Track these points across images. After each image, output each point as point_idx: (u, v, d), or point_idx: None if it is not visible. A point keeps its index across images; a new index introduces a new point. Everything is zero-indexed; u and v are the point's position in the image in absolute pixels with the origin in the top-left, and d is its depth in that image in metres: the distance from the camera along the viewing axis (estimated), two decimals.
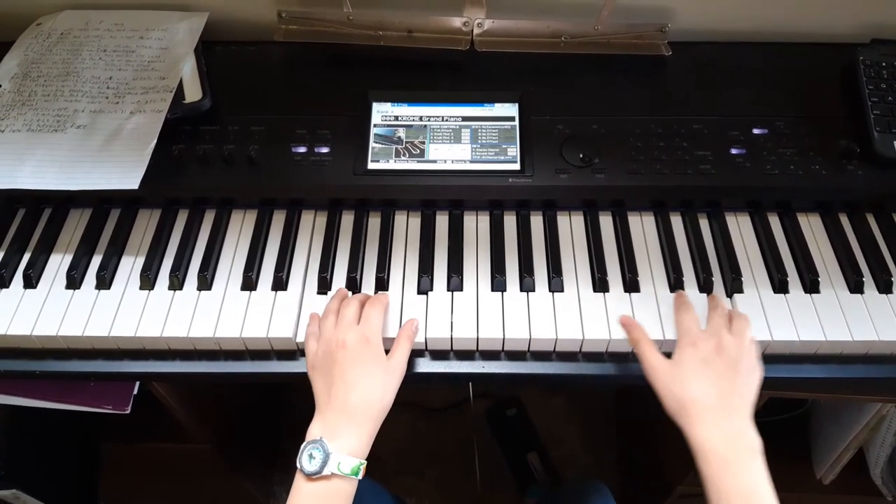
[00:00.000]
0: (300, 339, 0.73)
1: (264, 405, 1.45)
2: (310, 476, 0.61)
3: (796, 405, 1.13)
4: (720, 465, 0.58)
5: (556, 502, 1.00)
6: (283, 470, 1.46)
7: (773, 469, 1.16)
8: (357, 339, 0.67)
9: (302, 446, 0.62)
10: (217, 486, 1.32)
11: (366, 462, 0.63)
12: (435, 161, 0.81)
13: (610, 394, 1.59)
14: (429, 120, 0.84)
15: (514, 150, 0.82)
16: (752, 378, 0.64)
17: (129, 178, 0.75)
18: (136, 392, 0.89)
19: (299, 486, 0.62)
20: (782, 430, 1.08)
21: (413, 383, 0.72)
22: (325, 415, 0.64)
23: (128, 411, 0.89)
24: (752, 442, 0.60)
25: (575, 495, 0.92)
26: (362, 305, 0.71)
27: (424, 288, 0.76)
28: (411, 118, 0.84)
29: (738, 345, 0.64)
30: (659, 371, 0.65)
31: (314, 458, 0.61)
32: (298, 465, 0.61)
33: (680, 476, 1.08)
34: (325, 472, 0.60)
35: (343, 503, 0.62)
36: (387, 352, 0.68)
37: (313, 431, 0.64)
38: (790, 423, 1.05)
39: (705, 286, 0.76)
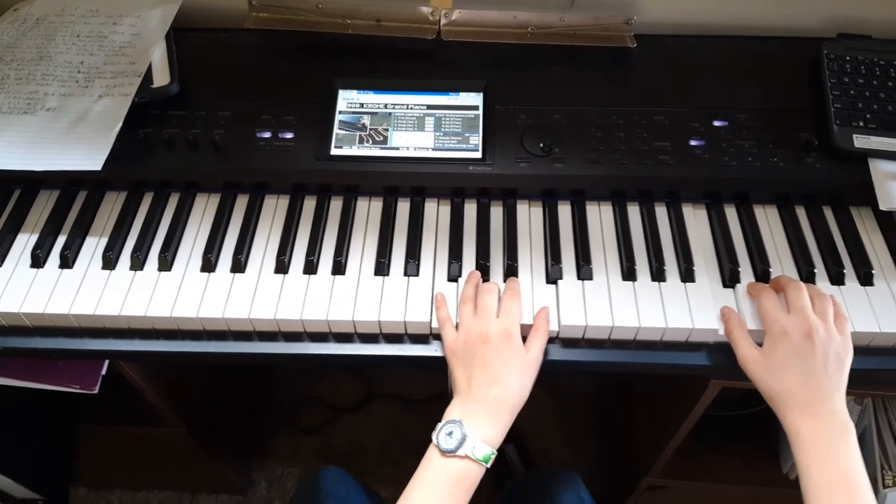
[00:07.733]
0: (254, 317, 0.74)
1: (238, 390, 1.46)
2: (444, 452, 0.62)
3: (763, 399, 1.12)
4: (812, 451, 0.61)
5: (525, 488, 1.00)
6: (261, 457, 1.47)
7: (739, 464, 1.15)
8: (499, 334, 0.68)
9: (440, 424, 0.64)
10: (196, 471, 1.34)
11: (497, 453, 0.64)
12: (397, 148, 0.82)
13: (589, 386, 1.59)
14: (394, 108, 0.85)
15: (476, 139, 0.83)
16: (843, 361, 0.65)
17: (93, 159, 0.77)
18: (104, 373, 0.91)
19: (432, 458, 0.63)
20: (749, 424, 1.08)
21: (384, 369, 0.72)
22: (465, 401, 0.66)
23: (96, 391, 0.90)
24: (843, 424, 0.62)
25: (544, 482, 0.92)
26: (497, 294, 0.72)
27: (381, 272, 0.78)
28: (376, 105, 0.85)
29: (826, 328, 0.65)
30: (751, 361, 0.67)
31: (452, 437, 0.63)
32: (434, 440, 0.63)
33: (647, 468, 1.09)
34: (460, 452, 0.62)
35: (470, 486, 0.63)
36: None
37: (452, 412, 0.65)
38: (757, 417, 1.05)
39: (657, 275, 0.76)
